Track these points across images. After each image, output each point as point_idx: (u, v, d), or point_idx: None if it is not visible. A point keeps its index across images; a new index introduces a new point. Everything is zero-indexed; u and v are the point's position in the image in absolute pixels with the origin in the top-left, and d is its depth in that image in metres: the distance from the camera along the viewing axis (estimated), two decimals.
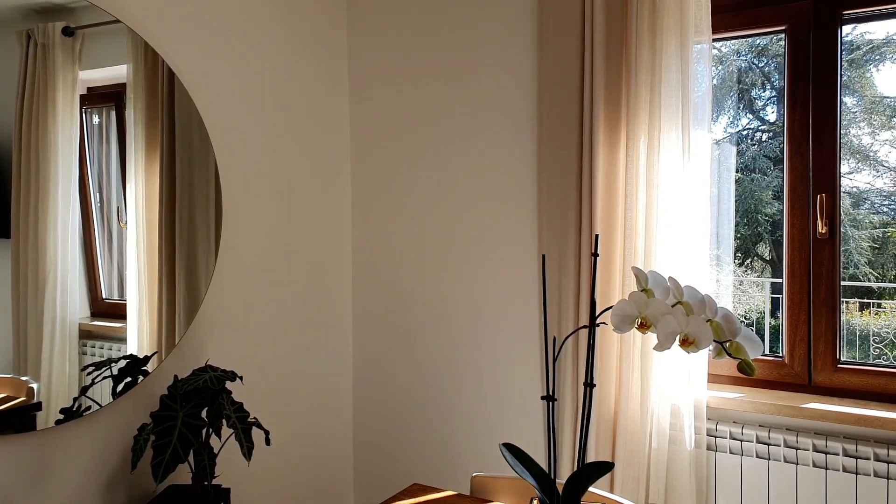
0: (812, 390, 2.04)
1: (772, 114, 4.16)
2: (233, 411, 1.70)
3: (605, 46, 2.07)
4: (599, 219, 2.07)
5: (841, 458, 1.87)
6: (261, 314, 2.31)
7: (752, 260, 4.46)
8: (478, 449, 2.44)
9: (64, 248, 1.71)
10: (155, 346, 1.91)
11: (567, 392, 2.11)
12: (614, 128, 2.09)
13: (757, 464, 1.98)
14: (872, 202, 3.77)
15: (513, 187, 2.36)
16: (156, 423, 1.67)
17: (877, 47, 3.28)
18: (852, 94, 3.34)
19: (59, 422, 1.68)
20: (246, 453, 1.67)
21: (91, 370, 1.75)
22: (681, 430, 1.99)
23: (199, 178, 2.05)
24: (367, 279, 2.70)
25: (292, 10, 2.43)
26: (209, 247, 2.08)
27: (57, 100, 1.70)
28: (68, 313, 1.73)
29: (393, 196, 2.62)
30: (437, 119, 2.51)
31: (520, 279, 2.35)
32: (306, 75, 2.50)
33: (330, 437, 2.62)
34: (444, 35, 2.49)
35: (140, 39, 1.88)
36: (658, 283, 1.20)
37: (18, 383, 1.62)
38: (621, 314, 1.17)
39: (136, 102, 1.88)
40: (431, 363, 2.54)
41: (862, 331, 3.98)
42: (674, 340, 1.15)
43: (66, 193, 1.71)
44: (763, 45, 3.54)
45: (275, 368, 2.36)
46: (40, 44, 1.67)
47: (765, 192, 4.14)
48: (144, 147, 1.90)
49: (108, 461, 1.83)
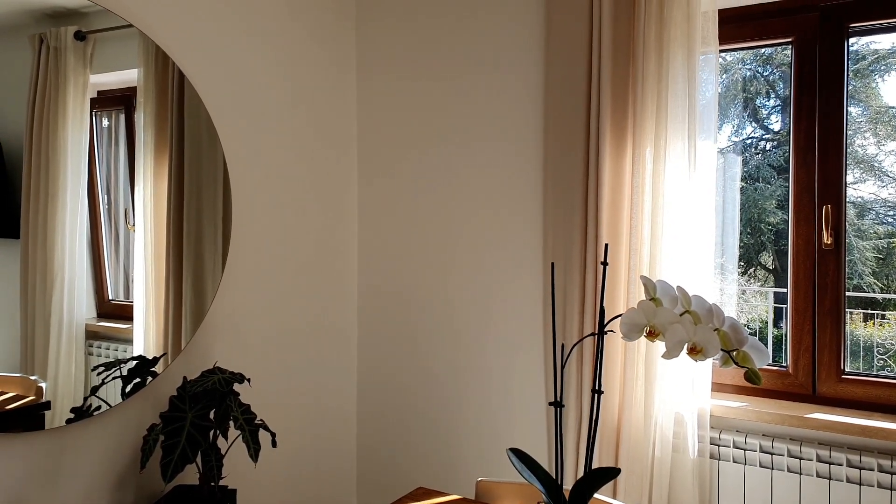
0: (816, 400, 2.04)
1: (776, 123, 4.17)
2: (240, 413, 1.71)
3: (612, 55, 2.08)
4: (605, 227, 2.07)
5: (845, 468, 1.87)
6: (267, 318, 2.32)
7: (755, 269, 4.46)
8: (482, 454, 2.45)
9: (72, 250, 1.72)
10: (161, 348, 1.92)
11: (571, 399, 2.12)
12: (621, 136, 2.10)
13: (760, 473, 1.98)
14: (877, 212, 3.78)
15: (519, 194, 2.37)
16: (165, 423, 1.68)
17: (882, 58, 3.30)
18: (857, 104, 3.35)
19: (70, 421, 1.69)
20: (253, 455, 1.68)
21: (101, 370, 1.76)
22: (684, 439, 1.99)
23: (207, 181, 2.06)
24: (372, 285, 2.71)
25: (302, 14, 2.45)
26: (216, 250, 2.09)
27: (67, 103, 1.71)
28: (75, 314, 1.73)
29: (399, 202, 2.63)
30: (443, 126, 2.52)
31: (524, 286, 2.35)
32: (316, 75, 2.52)
33: (334, 441, 2.63)
34: (452, 42, 2.50)
35: (151, 43, 1.89)
36: (666, 291, 1.21)
37: (27, 382, 1.63)
38: (630, 322, 1.18)
39: (146, 105, 1.89)
40: (435, 369, 2.54)
41: (866, 341, 3.99)
42: (682, 349, 1.16)
43: (74, 195, 1.72)
44: (768, 54, 3.55)
45: (280, 373, 2.37)
46: (52, 47, 1.68)
47: (768, 201, 4.14)
48: (153, 150, 1.91)
49: (117, 460, 1.84)
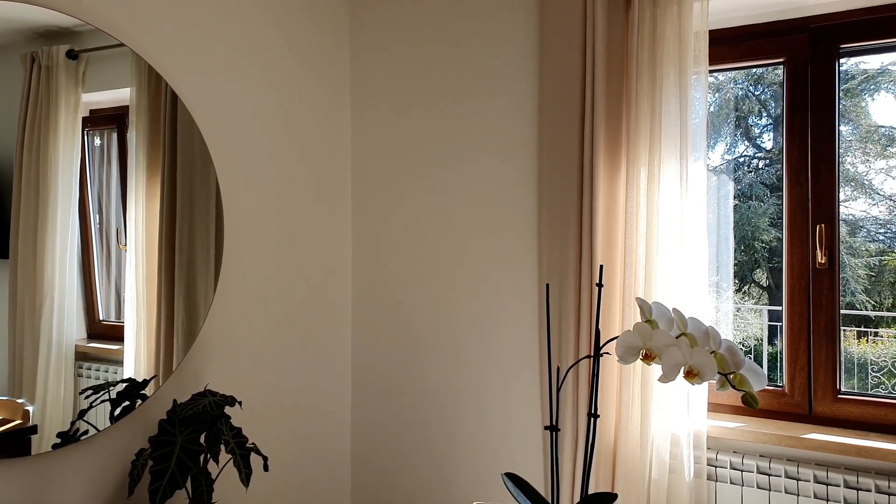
0: (812, 420, 2.04)
1: (768, 141, 4.19)
2: (231, 437, 1.69)
3: (606, 76, 2.08)
4: (600, 247, 2.07)
5: (842, 489, 1.86)
6: (260, 338, 2.29)
7: (748, 286, 4.46)
8: (477, 476, 2.42)
9: (62, 270, 1.70)
10: (153, 370, 1.89)
11: (567, 421, 2.10)
12: (615, 156, 2.10)
13: (757, 494, 1.96)
14: (868, 230, 3.79)
15: (513, 216, 2.36)
16: (154, 447, 1.65)
17: (871, 77, 3.32)
18: (847, 122, 3.37)
19: (56, 446, 1.65)
20: (244, 479, 1.65)
21: (89, 393, 1.73)
22: (680, 460, 1.98)
23: (199, 201, 2.05)
24: (366, 303, 2.69)
25: (295, 34, 2.45)
26: (209, 270, 2.07)
27: (59, 122, 1.70)
28: (65, 335, 1.71)
29: (393, 219, 2.62)
30: (438, 150, 2.52)
31: (520, 307, 2.34)
32: (309, 99, 2.51)
33: (328, 464, 2.59)
34: (446, 67, 2.50)
35: (144, 63, 1.88)
36: (662, 314, 1.20)
37: (14, 406, 1.59)
38: (626, 345, 1.17)
39: (138, 125, 1.88)
40: (430, 391, 2.52)
41: (860, 359, 3.98)
42: (678, 372, 1.15)
43: (65, 215, 1.70)
44: (759, 73, 3.57)
45: (274, 392, 2.34)
46: (44, 66, 1.67)
47: (761, 219, 4.15)
48: (146, 169, 1.90)
49: (104, 486, 1.80)
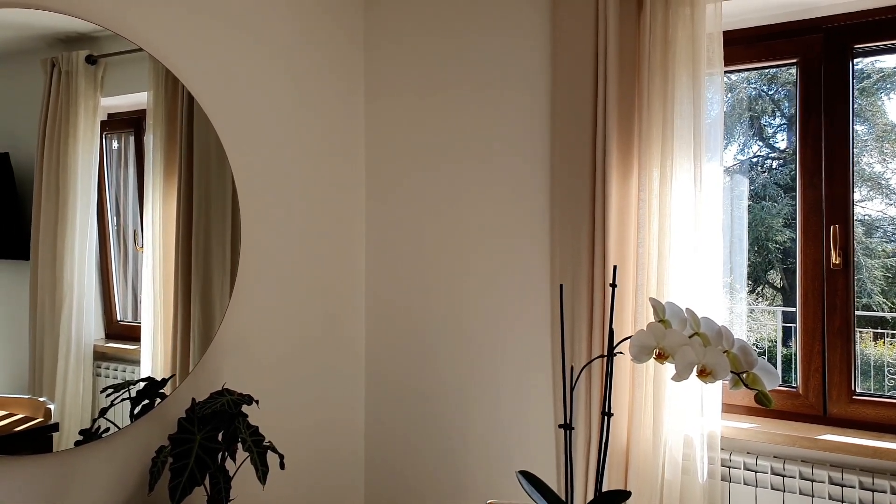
0: (827, 421, 2.03)
1: (782, 141, 4.16)
2: (249, 435, 1.71)
3: (618, 77, 2.09)
4: (613, 248, 2.07)
5: (857, 490, 1.85)
6: (276, 339, 2.32)
7: (762, 287, 4.44)
8: (491, 475, 2.43)
9: (81, 271, 1.72)
10: (170, 369, 1.92)
11: (580, 420, 2.10)
12: (627, 157, 2.10)
13: (772, 496, 1.96)
14: (885, 230, 3.75)
15: (525, 215, 2.37)
16: (173, 445, 1.67)
17: (888, 76, 3.30)
18: (863, 122, 3.35)
19: (79, 443, 1.69)
20: (261, 477, 1.67)
21: (110, 391, 1.76)
22: (694, 461, 1.97)
23: (216, 203, 2.07)
24: (381, 305, 2.70)
25: (310, 32, 2.47)
26: (225, 270, 2.09)
27: (78, 126, 1.72)
28: (84, 335, 1.74)
29: (407, 222, 2.64)
30: (451, 148, 2.53)
31: (533, 306, 2.35)
32: (324, 102, 2.53)
33: (343, 462, 2.61)
34: (459, 64, 2.52)
35: (161, 67, 1.91)
36: (675, 314, 1.21)
37: (36, 404, 1.62)
38: (640, 345, 1.17)
39: (155, 128, 1.91)
40: (444, 390, 2.54)
41: (876, 361, 3.95)
42: (691, 371, 1.15)
43: (84, 217, 1.73)
44: (773, 73, 3.55)
45: (289, 393, 2.36)
46: (64, 71, 1.70)
47: (775, 219, 4.13)
48: (163, 171, 1.92)
49: (125, 482, 1.83)
